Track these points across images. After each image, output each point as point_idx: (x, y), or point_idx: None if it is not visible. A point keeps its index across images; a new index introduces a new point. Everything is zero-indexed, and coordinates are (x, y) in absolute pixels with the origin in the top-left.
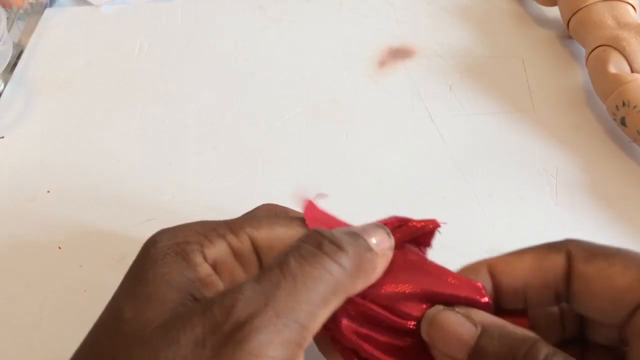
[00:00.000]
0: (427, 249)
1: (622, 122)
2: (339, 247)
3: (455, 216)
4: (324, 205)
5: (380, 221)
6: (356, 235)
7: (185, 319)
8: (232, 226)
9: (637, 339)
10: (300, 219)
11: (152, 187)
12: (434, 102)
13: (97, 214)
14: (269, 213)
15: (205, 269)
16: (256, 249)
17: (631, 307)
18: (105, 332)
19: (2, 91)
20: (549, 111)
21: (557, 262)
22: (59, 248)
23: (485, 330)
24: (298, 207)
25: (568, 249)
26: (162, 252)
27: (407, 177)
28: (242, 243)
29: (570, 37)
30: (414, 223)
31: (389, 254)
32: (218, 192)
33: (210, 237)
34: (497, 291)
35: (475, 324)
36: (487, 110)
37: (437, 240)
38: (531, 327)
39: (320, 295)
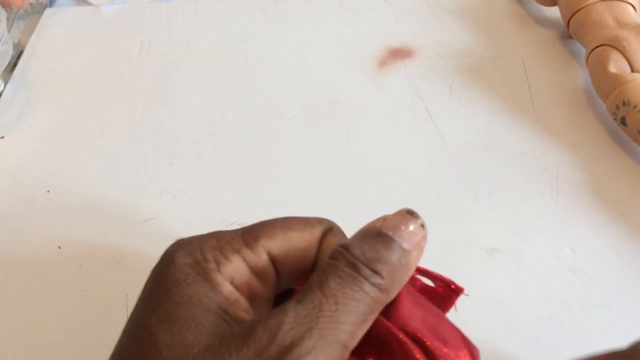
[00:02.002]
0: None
1: (623, 122)
2: (374, 270)
3: (455, 216)
4: (324, 204)
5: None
6: (387, 242)
7: (230, 343)
8: (246, 238)
9: None
10: (316, 220)
11: (152, 187)
12: (434, 102)
13: (97, 214)
14: (284, 219)
15: (227, 288)
16: (272, 259)
17: None
18: (139, 354)
19: (2, 91)
20: (549, 111)
21: None
22: (59, 248)
23: None
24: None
25: None
26: (183, 272)
27: (407, 177)
28: (258, 255)
29: (570, 37)
30: (439, 276)
31: (423, 246)
32: (218, 192)
33: (226, 252)
34: None
35: None
36: (487, 110)
37: (437, 240)
38: None
39: (360, 315)
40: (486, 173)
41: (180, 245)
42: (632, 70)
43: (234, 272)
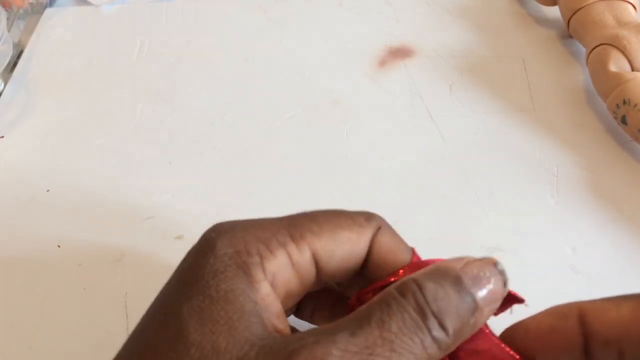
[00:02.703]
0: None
1: (623, 121)
2: (442, 325)
3: (456, 215)
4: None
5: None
6: (464, 293)
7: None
8: (292, 232)
9: None
10: (363, 217)
11: (152, 187)
12: (434, 101)
13: (97, 213)
14: (331, 214)
15: (265, 288)
16: (316, 258)
17: None
18: (168, 350)
19: (2, 91)
20: (550, 110)
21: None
22: (58, 247)
23: None
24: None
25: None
26: (223, 262)
27: (407, 177)
28: (302, 253)
29: (570, 37)
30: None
31: (496, 307)
32: (217, 191)
33: (272, 246)
34: (588, 340)
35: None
36: (488, 109)
37: (437, 239)
38: None
39: None
40: (486, 172)
41: (222, 232)
42: (633, 69)
43: (277, 269)
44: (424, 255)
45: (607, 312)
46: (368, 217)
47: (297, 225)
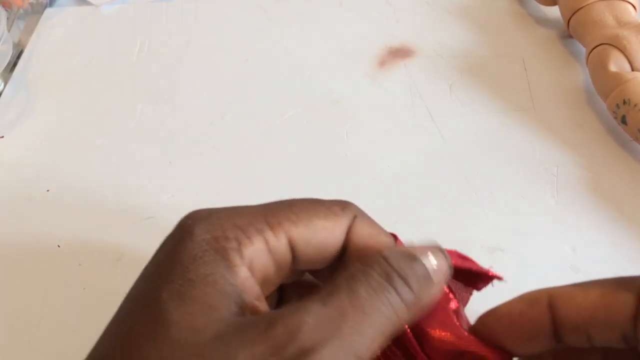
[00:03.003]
0: (473, 292)
1: (623, 121)
2: (407, 283)
3: (456, 215)
4: None
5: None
6: (420, 262)
7: (245, 334)
8: (269, 219)
9: None
10: (339, 206)
11: (152, 186)
12: (434, 101)
13: (97, 213)
14: (308, 203)
15: (243, 272)
16: (292, 245)
17: None
18: (149, 332)
19: (2, 91)
20: (550, 110)
21: (626, 302)
22: (58, 246)
23: None
24: None
25: (638, 289)
26: (201, 248)
27: (407, 176)
28: (279, 240)
29: (570, 37)
30: (476, 267)
31: (443, 287)
32: (218, 191)
33: (249, 232)
34: (558, 326)
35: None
36: (488, 109)
37: (438, 239)
38: None
39: (381, 329)
40: (487, 172)
41: (199, 219)
42: (633, 69)
43: (254, 254)
44: None
45: (575, 298)
46: (343, 206)
47: (274, 213)
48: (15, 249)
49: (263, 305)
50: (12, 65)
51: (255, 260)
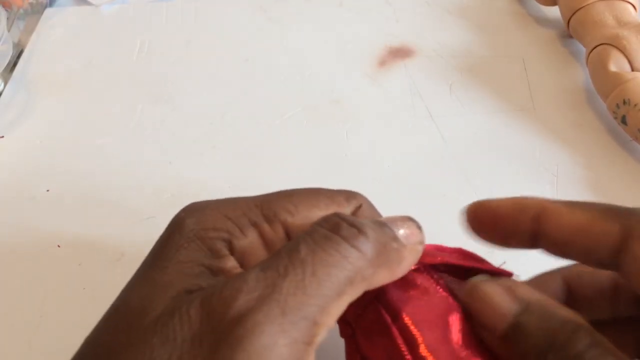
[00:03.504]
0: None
1: (623, 121)
2: (359, 230)
3: (456, 215)
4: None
5: (442, 247)
6: (381, 223)
7: (183, 311)
8: (266, 210)
9: None
10: (343, 196)
11: (152, 186)
12: (434, 101)
13: (97, 213)
14: (309, 193)
15: (231, 262)
16: (290, 236)
17: None
18: (110, 318)
19: (2, 91)
20: (550, 110)
21: (609, 233)
22: (58, 246)
23: (527, 308)
24: None
25: (626, 223)
26: (188, 238)
27: (407, 176)
28: (275, 232)
29: (570, 37)
30: (486, 266)
31: (419, 249)
32: (218, 191)
33: (242, 225)
34: (538, 236)
35: (516, 300)
36: (488, 109)
37: (438, 238)
38: None
39: (334, 285)
40: (487, 172)
41: (192, 211)
42: (633, 69)
43: (247, 247)
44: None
45: (562, 217)
46: (348, 196)
47: (272, 204)
48: (15, 248)
49: None
50: (12, 65)
51: (248, 254)
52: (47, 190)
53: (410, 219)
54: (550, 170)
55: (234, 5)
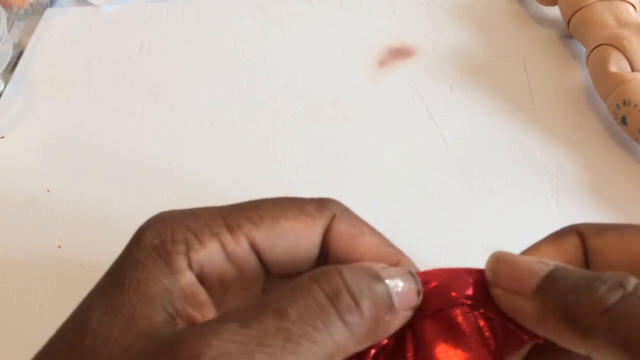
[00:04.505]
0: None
1: (623, 121)
2: (357, 304)
3: (456, 215)
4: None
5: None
6: (380, 286)
7: (149, 356)
8: (229, 221)
9: None
10: (313, 205)
11: (152, 187)
12: (434, 101)
13: (97, 213)
14: (275, 203)
15: (187, 278)
16: (255, 249)
17: None
18: (68, 338)
19: (2, 91)
20: (550, 110)
21: (572, 242)
22: (59, 247)
23: (554, 268)
24: None
25: (577, 229)
26: (145, 252)
27: (407, 176)
28: (238, 244)
29: (570, 37)
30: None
31: (408, 315)
32: (218, 191)
33: (202, 236)
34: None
35: (544, 263)
36: (488, 109)
37: (438, 238)
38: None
39: (312, 358)
40: (487, 172)
41: (153, 223)
42: (633, 70)
43: (206, 258)
44: (421, 255)
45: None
46: (319, 205)
47: (236, 214)
48: (15, 250)
49: (204, 313)
50: (13, 65)
51: (207, 265)
52: (48, 191)
53: (412, 276)
54: (550, 171)
55: (234, 5)
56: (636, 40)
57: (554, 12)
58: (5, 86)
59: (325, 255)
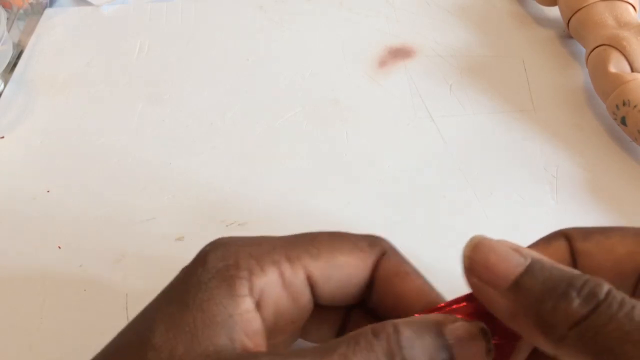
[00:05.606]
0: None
1: (623, 122)
2: None
3: (456, 215)
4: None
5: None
6: (441, 346)
7: None
8: (289, 252)
9: None
10: (366, 242)
11: (152, 187)
12: (434, 101)
13: (97, 214)
14: (332, 237)
15: (246, 304)
16: (310, 280)
17: (635, 275)
18: (130, 350)
19: (2, 91)
20: (549, 111)
21: (560, 246)
22: (59, 248)
23: (536, 262)
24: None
25: (565, 233)
26: (209, 274)
27: (407, 177)
28: (296, 273)
29: (570, 37)
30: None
31: None
32: (218, 191)
33: (263, 263)
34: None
35: (522, 254)
36: (488, 109)
37: (438, 239)
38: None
39: None
40: (486, 173)
41: (217, 246)
42: (632, 70)
43: (265, 285)
44: (421, 256)
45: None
46: (372, 241)
47: (295, 246)
48: (15, 250)
49: (255, 341)
50: (12, 65)
51: (266, 292)
52: (48, 191)
53: (484, 335)
54: (550, 171)
55: (234, 5)
56: (636, 41)
57: (554, 12)
58: (5, 86)
59: (371, 290)
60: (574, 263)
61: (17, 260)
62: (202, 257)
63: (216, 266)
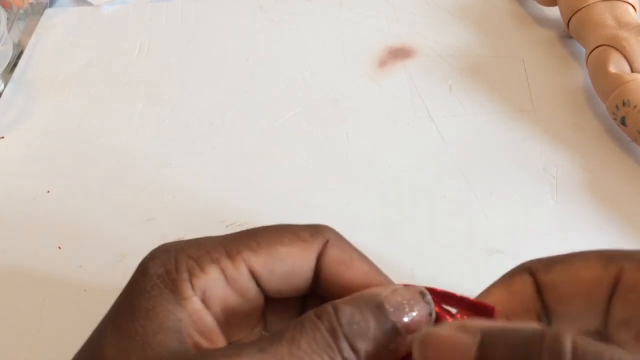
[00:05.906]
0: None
1: (622, 122)
2: (353, 348)
3: (455, 215)
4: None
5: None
6: (383, 319)
7: None
8: (229, 248)
9: (619, 330)
10: (308, 232)
11: (152, 187)
12: (434, 101)
13: (97, 214)
14: (273, 230)
15: (193, 304)
16: (253, 274)
17: (604, 298)
18: None
19: (2, 91)
20: (549, 111)
21: (524, 281)
22: (59, 248)
23: (487, 335)
24: None
25: (528, 267)
26: (151, 282)
27: (407, 177)
28: (238, 269)
29: (570, 37)
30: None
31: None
32: (218, 191)
33: (203, 263)
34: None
35: (471, 332)
36: (487, 109)
37: (438, 240)
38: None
39: None
40: (486, 173)
41: (156, 254)
42: (632, 71)
43: (206, 284)
44: (421, 255)
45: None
46: (314, 231)
47: (235, 242)
48: (15, 250)
49: (209, 339)
50: (12, 65)
51: (209, 291)
52: (48, 191)
53: (422, 296)
54: (550, 171)
55: (234, 5)
56: (636, 41)
57: (554, 12)
58: (5, 86)
59: (318, 280)
60: (541, 296)
61: (17, 260)
62: (143, 266)
63: (157, 272)
